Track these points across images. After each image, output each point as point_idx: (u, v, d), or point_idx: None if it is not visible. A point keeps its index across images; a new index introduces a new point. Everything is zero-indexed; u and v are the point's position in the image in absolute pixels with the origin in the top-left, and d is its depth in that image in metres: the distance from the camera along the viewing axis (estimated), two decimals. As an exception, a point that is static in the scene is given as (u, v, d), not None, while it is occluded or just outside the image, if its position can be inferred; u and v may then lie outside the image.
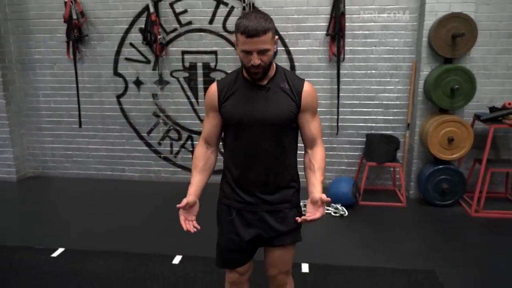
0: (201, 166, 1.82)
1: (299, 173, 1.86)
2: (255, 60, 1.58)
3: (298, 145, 1.83)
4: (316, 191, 1.67)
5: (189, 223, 1.74)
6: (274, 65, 1.73)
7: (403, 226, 3.67)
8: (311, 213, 1.64)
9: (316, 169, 1.73)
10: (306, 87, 1.73)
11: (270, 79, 1.71)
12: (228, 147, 1.83)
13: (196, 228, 1.73)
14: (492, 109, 3.94)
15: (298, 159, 1.85)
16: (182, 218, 1.75)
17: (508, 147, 4.29)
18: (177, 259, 3.04)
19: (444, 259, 3.06)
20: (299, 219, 1.65)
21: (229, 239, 1.83)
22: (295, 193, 1.84)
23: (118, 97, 4.73)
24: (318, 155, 1.76)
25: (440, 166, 3.96)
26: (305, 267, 2.90)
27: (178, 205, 1.70)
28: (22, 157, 5.00)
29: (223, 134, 1.86)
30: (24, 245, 3.27)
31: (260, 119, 1.68)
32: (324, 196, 1.62)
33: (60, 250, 3.18)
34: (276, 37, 1.66)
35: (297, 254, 1.94)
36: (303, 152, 1.83)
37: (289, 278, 1.96)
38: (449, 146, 3.86)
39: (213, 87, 1.77)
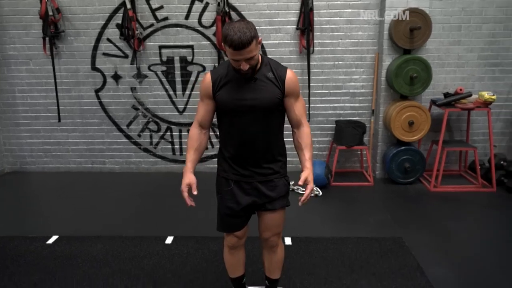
0: (196, 146, 2.09)
1: (287, 147, 2.17)
2: (244, 66, 1.84)
3: (285, 126, 2.12)
4: (303, 173, 1.99)
5: (190, 199, 2.01)
6: (260, 57, 1.97)
7: (371, 202, 4.06)
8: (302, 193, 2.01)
9: (304, 147, 2.04)
10: (289, 74, 1.99)
11: (257, 70, 1.96)
12: (223, 130, 2.09)
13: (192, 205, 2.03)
14: (446, 95, 4.38)
15: (285, 138, 2.15)
16: (185, 195, 2.01)
17: (461, 129, 4.76)
18: (169, 240, 3.27)
19: (409, 228, 3.46)
20: (300, 204, 1.97)
21: (228, 206, 2.09)
22: (283, 165, 2.13)
23: (97, 91, 4.84)
24: (304, 134, 2.06)
25: (402, 148, 4.38)
26: (288, 240, 3.21)
27: (194, 193, 2.00)
28: (0, 153, 5.02)
29: (217, 118, 2.11)
30: (17, 235, 3.39)
31: (250, 106, 1.95)
32: (309, 178, 1.97)
33: (55, 237, 3.33)
34: (260, 38, 1.89)
35: None
36: (291, 132, 2.13)
37: (280, 241, 2.24)
38: (410, 129, 4.28)
39: (208, 78, 2.01)
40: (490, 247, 3.12)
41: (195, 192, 2.01)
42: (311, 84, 4.62)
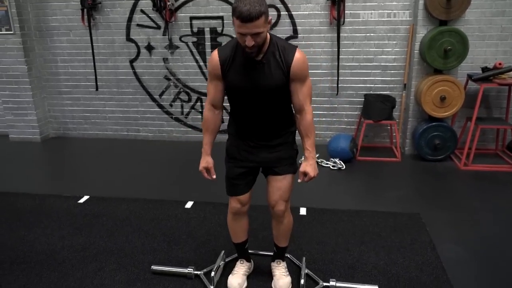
0: (212, 128, 2.17)
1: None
2: (250, 42, 1.79)
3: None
4: (302, 165, 2.07)
5: (209, 175, 2.21)
6: (268, 37, 1.94)
7: (395, 178, 3.99)
8: (301, 177, 2.08)
9: (304, 135, 2.06)
10: (296, 58, 1.93)
11: (265, 53, 1.93)
12: (233, 108, 2.14)
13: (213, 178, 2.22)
14: (484, 70, 4.13)
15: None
16: (205, 175, 2.22)
17: (500, 106, 4.51)
18: (189, 204, 3.42)
19: (429, 204, 3.39)
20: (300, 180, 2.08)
21: (235, 170, 2.17)
22: (291, 135, 2.17)
23: (131, 61, 5.03)
24: (305, 122, 2.04)
25: (433, 123, 4.22)
26: (303, 211, 3.26)
27: (213, 177, 2.21)
28: (45, 119, 5.38)
29: (227, 95, 2.13)
30: (53, 194, 3.68)
31: (256, 89, 1.96)
32: (307, 170, 2.05)
33: (86, 197, 3.58)
34: (270, 18, 1.86)
35: (296, 199, 2.27)
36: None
37: (288, 212, 2.27)
38: (441, 104, 4.11)
39: (215, 58, 1.99)
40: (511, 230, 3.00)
41: (214, 176, 2.19)
42: (340, 57, 4.53)
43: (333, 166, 4.17)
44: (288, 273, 2.39)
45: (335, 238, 2.87)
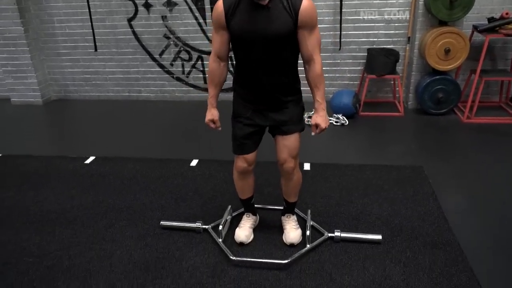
0: (217, 80, 2.15)
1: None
2: None
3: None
4: (313, 117, 2.08)
5: (215, 127, 2.24)
6: None
7: (398, 132, 4.01)
8: (314, 129, 2.10)
9: (314, 86, 2.04)
10: (304, 4, 1.88)
11: None
12: (238, 59, 2.09)
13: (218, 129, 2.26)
14: (491, 20, 4.04)
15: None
16: (212, 126, 2.23)
17: (505, 58, 4.44)
18: (194, 162, 3.46)
19: (432, 158, 3.42)
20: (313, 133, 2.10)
21: (243, 129, 2.16)
22: (297, 92, 2.15)
23: (129, 20, 4.92)
24: (315, 72, 2.01)
25: (437, 77, 4.18)
26: (306, 166, 3.30)
27: (219, 129, 2.25)
28: (45, 81, 5.34)
29: (232, 48, 2.09)
30: (59, 155, 3.73)
31: (262, 36, 1.91)
32: (318, 121, 2.06)
33: (92, 158, 3.63)
34: None
35: (300, 155, 2.25)
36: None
37: (297, 169, 2.30)
38: (446, 57, 4.05)
39: (220, 7, 1.95)
40: (513, 179, 3.05)
41: (219, 129, 2.22)
42: (343, 10, 4.41)
43: (336, 121, 4.18)
44: (298, 225, 2.45)
45: (339, 192, 2.92)
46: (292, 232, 2.40)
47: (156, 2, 4.79)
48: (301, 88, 2.19)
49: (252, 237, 2.46)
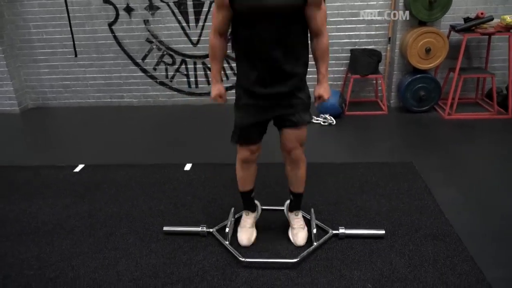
0: (219, 54, 2.13)
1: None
2: None
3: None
4: (316, 89, 2.14)
5: (223, 100, 2.24)
6: None
7: (384, 130, 4.12)
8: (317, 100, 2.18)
9: (319, 58, 2.09)
10: None
11: None
12: (240, 39, 2.03)
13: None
14: (467, 20, 4.22)
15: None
16: (220, 101, 2.24)
17: (480, 56, 4.64)
18: (188, 167, 3.44)
19: (419, 153, 3.54)
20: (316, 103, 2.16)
21: (248, 119, 2.13)
22: (303, 77, 2.11)
23: (110, 25, 4.83)
24: (322, 43, 2.05)
25: (418, 76, 4.33)
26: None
27: (226, 101, 2.24)
28: (22, 89, 5.17)
29: (233, 30, 2.07)
30: (46, 165, 3.62)
31: (270, 10, 1.87)
32: (321, 92, 2.13)
33: (81, 166, 3.54)
34: None
35: None
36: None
37: (303, 155, 2.28)
38: (427, 56, 4.20)
39: None
40: (500, 171, 3.20)
41: (226, 101, 2.24)
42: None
43: (323, 121, 4.25)
44: (304, 224, 2.48)
45: (337, 190, 2.98)
46: (300, 232, 2.42)
47: (138, 6, 4.73)
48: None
49: (254, 235, 2.47)
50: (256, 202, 2.59)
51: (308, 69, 2.14)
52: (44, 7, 4.82)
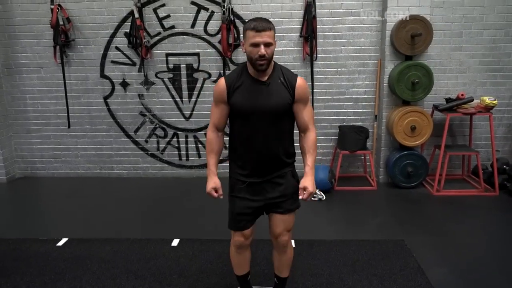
0: (216, 149, 2.22)
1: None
2: (262, 51, 1.94)
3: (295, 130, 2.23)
4: (302, 180, 2.14)
5: (218, 195, 2.22)
6: (273, 63, 2.09)
7: (374, 206, 4.12)
8: (302, 192, 2.13)
9: (306, 152, 2.16)
10: (299, 81, 2.10)
11: (270, 75, 2.07)
12: (236, 131, 2.18)
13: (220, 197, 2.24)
14: (448, 100, 4.43)
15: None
16: (214, 195, 2.21)
17: (464, 134, 4.81)
18: (175, 242, 3.34)
19: (410, 230, 3.51)
20: (300, 196, 2.13)
21: (240, 204, 2.18)
22: (291, 165, 2.23)
23: (105, 98, 4.96)
24: (308, 139, 2.17)
25: (405, 152, 4.43)
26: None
27: (221, 197, 2.23)
28: (11, 158, 5.14)
29: (230, 121, 2.21)
30: (28, 237, 3.49)
31: (263, 109, 2.05)
32: (306, 185, 2.12)
33: (64, 239, 3.42)
34: (275, 39, 2.04)
35: None
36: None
37: (290, 243, 2.32)
38: (412, 134, 4.34)
39: (222, 83, 2.10)
40: (492, 250, 3.16)
41: (221, 197, 2.21)
42: (314, 90, 4.70)
43: (313, 197, 4.25)
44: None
45: (328, 269, 2.90)
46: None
47: (134, 81, 4.90)
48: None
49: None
50: None
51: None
52: (43, 80, 4.97)
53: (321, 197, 4.24)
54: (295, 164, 2.27)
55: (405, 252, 3.12)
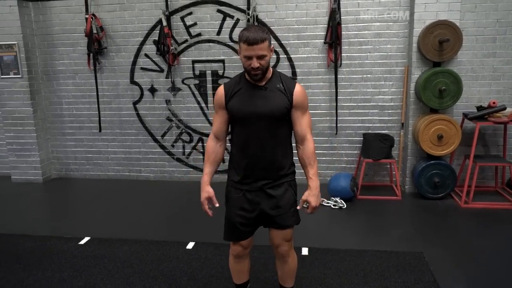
0: (213, 158, 2.21)
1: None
2: (255, 63, 1.95)
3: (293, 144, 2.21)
4: (304, 194, 2.11)
5: (210, 211, 2.18)
6: (271, 69, 2.10)
7: (396, 216, 3.99)
8: (301, 204, 2.11)
9: (307, 164, 2.12)
10: (297, 87, 2.09)
11: (268, 80, 2.08)
12: (234, 137, 2.18)
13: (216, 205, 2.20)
14: (479, 108, 4.24)
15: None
16: (206, 207, 2.19)
17: (497, 144, 4.57)
18: (190, 245, 3.40)
19: (432, 243, 3.37)
20: (299, 207, 2.11)
21: (236, 215, 2.17)
22: (290, 176, 2.19)
23: (135, 103, 5.15)
24: (308, 151, 2.12)
25: (432, 162, 4.27)
26: (305, 251, 3.24)
27: (216, 205, 2.19)
28: (47, 160, 5.44)
29: (230, 129, 2.22)
30: (54, 235, 3.67)
31: (260, 113, 2.04)
32: (309, 199, 2.09)
33: (87, 238, 3.57)
34: (272, 46, 2.04)
35: (298, 239, 2.27)
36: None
37: (292, 251, 2.29)
38: (439, 143, 4.18)
39: (221, 89, 2.15)
40: (517, 267, 2.98)
41: (217, 205, 2.18)
42: (338, 97, 4.65)
43: (334, 205, 4.18)
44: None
45: (338, 279, 2.84)
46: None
47: (161, 87, 5.05)
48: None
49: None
50: None
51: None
52: (77, 86, 5.23)
53: (341, 205, 4.17)
54: (295, 176, 2.24)
55: (422, 265, 3.00)
